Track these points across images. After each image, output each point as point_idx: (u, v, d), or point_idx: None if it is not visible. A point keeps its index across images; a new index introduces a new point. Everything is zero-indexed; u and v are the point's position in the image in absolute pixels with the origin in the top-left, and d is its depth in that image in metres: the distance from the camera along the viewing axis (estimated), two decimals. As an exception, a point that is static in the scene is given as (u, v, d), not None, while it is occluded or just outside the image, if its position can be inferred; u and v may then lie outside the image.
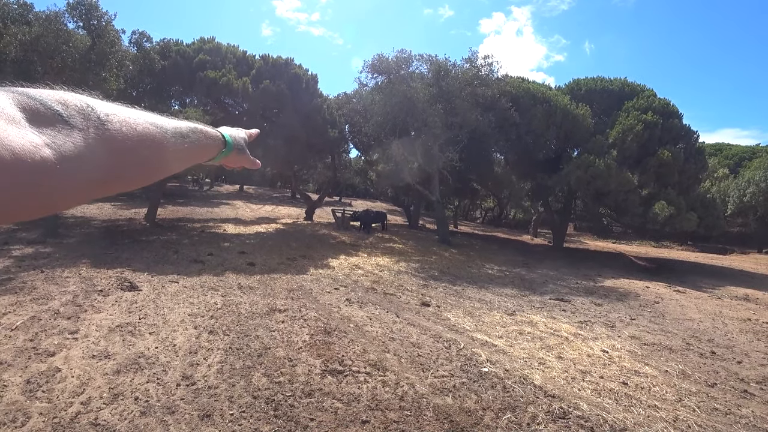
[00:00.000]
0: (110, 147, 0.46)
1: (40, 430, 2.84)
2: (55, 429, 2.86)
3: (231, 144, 0.81)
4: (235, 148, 0.83)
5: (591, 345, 5.59)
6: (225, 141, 0.79)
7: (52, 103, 0.43)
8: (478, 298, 8.04)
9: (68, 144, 0.41)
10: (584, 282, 11.17)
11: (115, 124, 0.48)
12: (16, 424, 2.88)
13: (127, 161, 0.50)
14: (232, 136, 0.82)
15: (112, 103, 0.52)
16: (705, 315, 8.30)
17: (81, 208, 16.21)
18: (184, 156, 0.63)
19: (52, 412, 3.04)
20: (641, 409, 3.78)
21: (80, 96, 0.48)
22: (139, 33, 11.72)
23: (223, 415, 3.18)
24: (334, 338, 4.92)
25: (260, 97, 13.05)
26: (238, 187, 35.05)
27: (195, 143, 0.65)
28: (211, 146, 0.74)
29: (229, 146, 0.80)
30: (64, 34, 9.24)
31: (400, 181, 16.19)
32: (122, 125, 0.49)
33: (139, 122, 0.53)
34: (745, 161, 31.65)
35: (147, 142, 0.53)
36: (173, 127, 0.59)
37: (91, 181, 0.45)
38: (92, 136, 0.44)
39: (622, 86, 18.37)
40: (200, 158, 0.72)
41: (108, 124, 0.47)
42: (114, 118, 0.49)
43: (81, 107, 0.46)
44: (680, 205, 14.72)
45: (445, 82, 14.59)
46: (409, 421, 3.27)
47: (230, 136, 0.81)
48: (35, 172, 0.37)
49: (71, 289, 6.19)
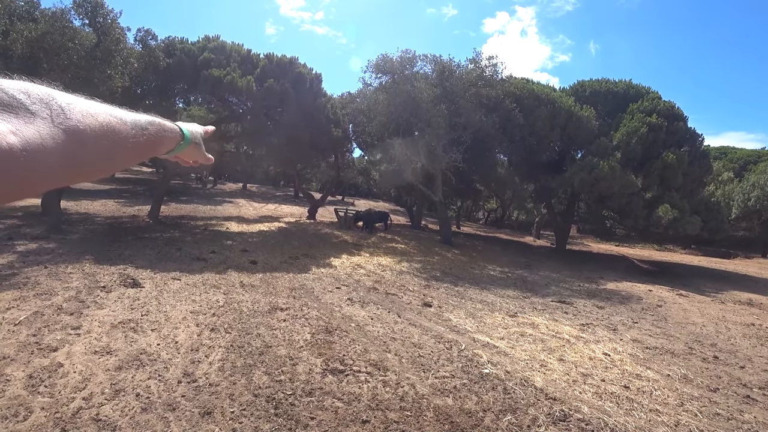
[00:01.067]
0: (72, 136, 0.47)
1: (41, 424, 2.85)
2: (56, 424, 2.87)
3: (189, 137, 0.82)
4: (192, 141, 0.84)
5: (593, 348, 5.57)
6: (183, 134, 0.80)
7: (15, 92, 0.44)
8: (479, 299, 8.03)
9: (32, 132, 0.42)
10: (586, 284, 11.14)
11: (76, 114, 0.49)
12: (18, 419, 2.89)
13: (88, 150, 0.51)
14: (189, 131, 0.84)
15: (71, 95, 0.52)
16: (708, 319, 8.26)
17: (85, 205, 16.29)
18: (143, 147, 0.64)
19: (53, 407, 3.05)
20: (642, 413, 3.77)
21: (41, 86, 0.49)
22: (144, 31, 11.75)
23: (223, 412, 3.18)
24: (335, 337, 4.92)
25: (264, 95, 13.07)
26: (241, 186, 35.12)
27: (153, 135, 0.67)
28: (169, 138, 0.75)
29: (186, 139, 0.82)
30: (70, 32, 9.28)
31: (403, 181, 16.18)
32: (83, 115, 0.50)
33: (99, 112, 0.54)
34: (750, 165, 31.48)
35: (107, 131, 0.54)
36: (132, 119, 0.61)
37: (53, 169, 0.45)
38: (54, 125, 0.45)
39: (627, 88, 18.30)
40: (158, 150, 0.74)
41: (69, 113, 0.48)
42: (74, 107, 0.50)
43: (42, 97, 0.46)
44: (684, 209, 14.65)
45: (449, 83, 14.57)
46: (410, 422, 3.27)
47: (188, 130, 0.83)
48: (2, 160, 0.37)
49: (74, 285, 6.22)
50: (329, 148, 17.61)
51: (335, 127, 16.03)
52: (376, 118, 15.33)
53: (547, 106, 15.83)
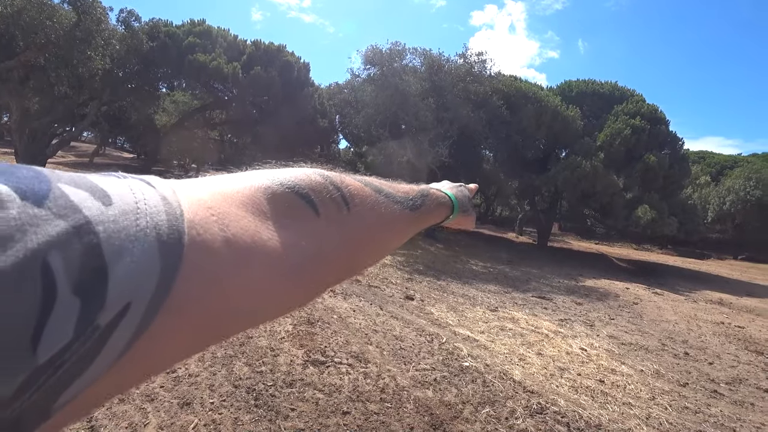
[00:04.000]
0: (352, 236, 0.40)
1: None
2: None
3: (457, 207, 0.69)
4: (460, 209, 0.70)
5: (570, 343, 5.70)
6: (452, 206, 0.68)
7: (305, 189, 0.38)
8: (461, 294, 8.11)
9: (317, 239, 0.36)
10: (566, 281, 11.36)
11: (357, 207, 0.42)
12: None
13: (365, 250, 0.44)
14: (457, 197, 0.70)
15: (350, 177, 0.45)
16: (681, 317, 8.53)
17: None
18: (413, 231, 0.55)
19: (26, 396, 2.98)
20: (616, 406, 3.88)
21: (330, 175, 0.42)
22: (127, 11, 11.40)
23: (203, 403, 3.16)
24: (317, 329, 4.92)
25: (251, 83, 12.86)
26: (225, 174, 34.61)
27: (424, 215, 0.57)
28: (438, 214, 0.63)
29: (455, 210, 0.69)
30: (48, 9, 8.94)
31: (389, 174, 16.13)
32: (365, 208, 0.43)
33: (380, 201, 0.45)
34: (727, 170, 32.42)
35: (386, 224, 0.46)
36: (404, 197, 0.51)
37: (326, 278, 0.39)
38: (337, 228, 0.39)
39: (613, 90, 18.61)
40: (422, 228, 0.62)
41: (352, 207, 0.41)
42: (357, 200, 0.42)
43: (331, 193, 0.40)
44: (662, 210, 15.04)
45: (437, 77, 14.57)
46: (390, 413, 3.30)
47: (456, 198, 0.70)
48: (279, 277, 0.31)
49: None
50: (315, 138, 17.47)
51: (322, 117, 15.90)
52: (363, 109, 15.25)
53: (534, 105, 15.98)
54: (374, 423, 3.16)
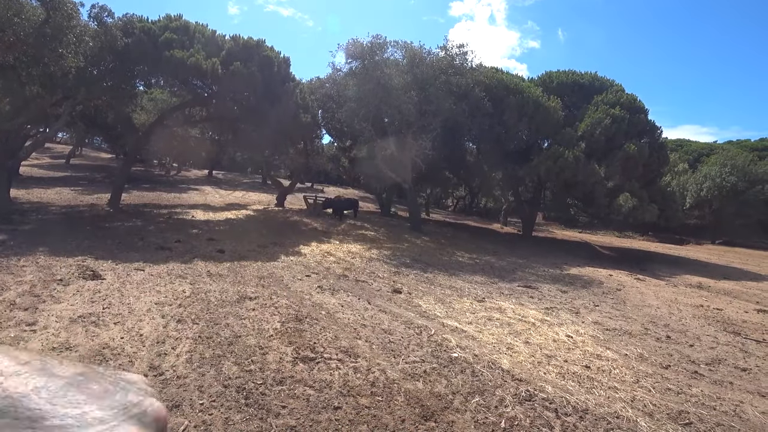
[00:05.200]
0: None
1: (-5, 423, 2.71)
2: (11, 422, 2.73)
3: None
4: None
5: (556, 330, 5.80)
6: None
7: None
8: (448, 285, 8.17)
9: None
10: (551, 270, 11.54)
11: None
12: (-32, 419, 2.73)
13: None
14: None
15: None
16: (662, 302, 8.75)
17: (38, 193, 15.40)
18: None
19: (8, 405, 2.90)
20: (602, 390, 3.97)
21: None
22: (99, 7, 11.02)
23: (192, 404, 3.12)
24: (305, 325, 4.90)
25: (230, 79, 12.61)
26: (207, 172, 34.07)
27: None
28: None
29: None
30: (16, 5, 8.60)
31: (372, 168, 16.14)
32: None
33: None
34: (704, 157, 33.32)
35: None
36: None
37: None
38: None
39: (593, 80, 18.86)
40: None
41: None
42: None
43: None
44: (643, 197, 15.38)
45: (419, 70, 14.54)
46: (381, 406, 3.31)
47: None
48: None
49: (28, 278, 5.89)
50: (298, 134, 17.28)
51: (304, 112, 15.71)
52: (345, 104, 15.16)
53: (515, 96, 16.10)
54: (365, 417, 3.17)
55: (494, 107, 15.53)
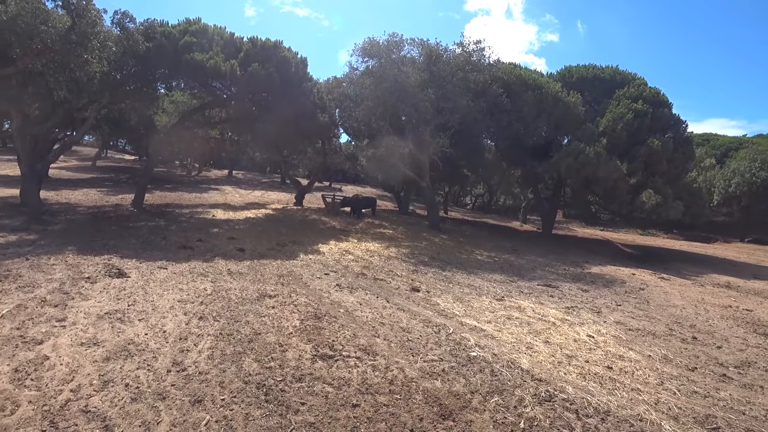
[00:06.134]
0: None
1: (29, 418, 2.83)
2: (45, 417, 2.84)
3: None
4: None
5: (577, 330, 5.70)
6: None
7: None
8: (467, 284, 8.12)
9: None
10: (572, 268, 11.34)
11: None
12: (5, 413, 2.86)
13: None
14: None
15: None
16: (688, 302, 8.51)
17: (66, 194, 15.92)
18: None
19: (41, 400, 3.02)
20: (624, 392, 3.89)
21: None
22: (121, 13, 11.30)
23: (214, 400, 3.19)
24: (324, 323, 4.95)
25: (249, 80, 12.79)
26: (227, 173, 34.62)
27: None
28: None
29: None
30: (43, 14, 8.89)
31: (390, 166, 16.14)
32: None
33: None
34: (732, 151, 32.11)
35: None
36: None
37: None
38: None
39: (614, 74, 18.43)
40: None
41: None
42: None
43: None
44: (667, 194, 14.95)
45: (436, 67, 14.46)
46: (399, 405, 3.32)
47: None
48: None
49: (58, 276, 6.11)
50: (316, 133, 17.40)
51: (321, 112, 15.81)
52: (362, 103, 15.18)
53: (534, 92, 15.86)
54: (384, 415, 3.18)
55: (512, 103, 15.33)
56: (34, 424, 2.77)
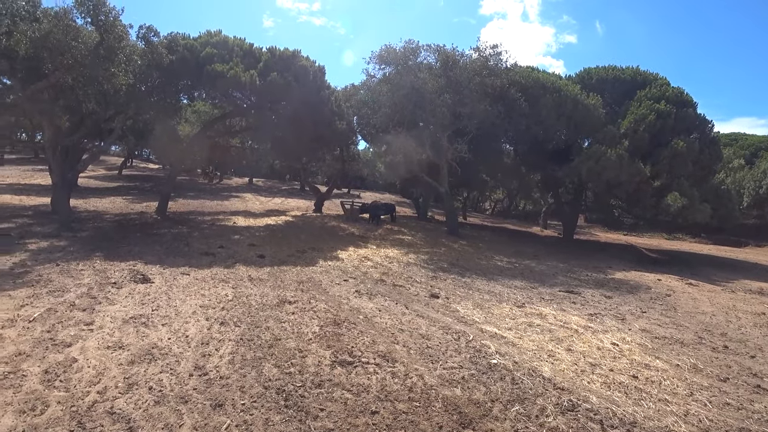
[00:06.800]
0: None
1: (58, 418, 2.91)
2: (73, 417, 2.93)
3: None
4: None
5: (601, 338, 5.56)
6: None
7: None
8: (487, 290, 8.03)
9: None
10: (594, 274, 11.09)
11: None
12: (35, 413, 2.96)
13: None
14: None
15: None
16: (718, 308, 8.21)
17: (94, 202, 16.45)
18: None
19: (69, 401, 3.11)
20: (651, 402, 3.77)
21: None
22: (146, 28, 11.71)
23: (234, 404, 3.23)
24: (343, 329, 4.96)
25: (268, 89, 13.03)
26: (247, 180, 35.21)
27: None
28: None
29: None
30: (73, 31, 9.28)
31: (408, 172, 16.14)
32: None
33: None
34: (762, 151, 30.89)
35: None
36: None
37: None
38: None
39: (635, 75, 18.05)
40: None
41: None
42: None
43: None
44: (693, 197, 14.48)
45: (453, 73, 14.44)
46: (418, 412, 3.30)
47: None
48: None
49: (86, 281, 6.31)
50: (334, 140, 17.56)
51: (339, 119, 15.97)
52: (380, 109, 15.26)
53: (552, 95, 15.65)
54: (403, 422, 3.16)
55: (531, 107, 15.16)
56: (62, 424, 2.86)
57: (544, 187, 21.28)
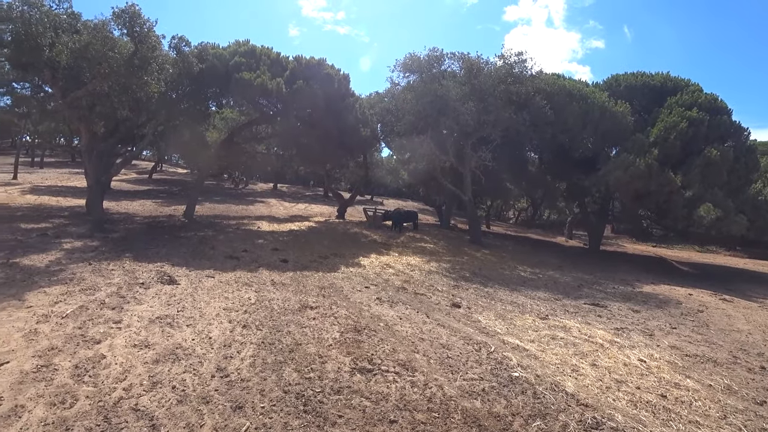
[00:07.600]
0: None
1: (86, 412, 3.02)
2: (99, 412, 3.02)
3: None
4: None
5: (627, 353, 5.38)
6: None
7: None
8: (509, 301, 7.89)
9: None
10: (621, 287, 10.76)
11: None
12: (65, 406, 3.07)
13: None
14: None
15: None
16: (754, 326, 7.82)
17: (125, 205, 17.05)
18: None
19: (97, 396, 3.22)
20: (681, 424, 3.61)
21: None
22: (178, 38, 12.18)
23: (254, 407, 3.27)
24: (364, 336, 4.96)
25: (294, 97, 13.28)
26: (272, 186, 35.82)
27: None
28: None
29: None
30: (111, 42, 9.74)
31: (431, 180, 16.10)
32: None
33: None
34: (803, 161, 29.42)
35: None
36: None
37: None
38: None
39: (665, 81, 17.52)
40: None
41: None
42: None
43: None
44: (728, 208, 13.88)
45: (477, 80, 14.38)
46: (437, 423, 3.26)
47: None
48: None
49: (116, 281, 6.53)
50: (358, 147, 17.71)
51: (363, 126, 16.10)
52: (404, 117, 15.31)
53: (579, 102, 15.37)
54: (421, 432, 3.13)
55: (556, 115, 14.92)
56: (89, 418, 2.96)
57: (569, 196, 20.84)
